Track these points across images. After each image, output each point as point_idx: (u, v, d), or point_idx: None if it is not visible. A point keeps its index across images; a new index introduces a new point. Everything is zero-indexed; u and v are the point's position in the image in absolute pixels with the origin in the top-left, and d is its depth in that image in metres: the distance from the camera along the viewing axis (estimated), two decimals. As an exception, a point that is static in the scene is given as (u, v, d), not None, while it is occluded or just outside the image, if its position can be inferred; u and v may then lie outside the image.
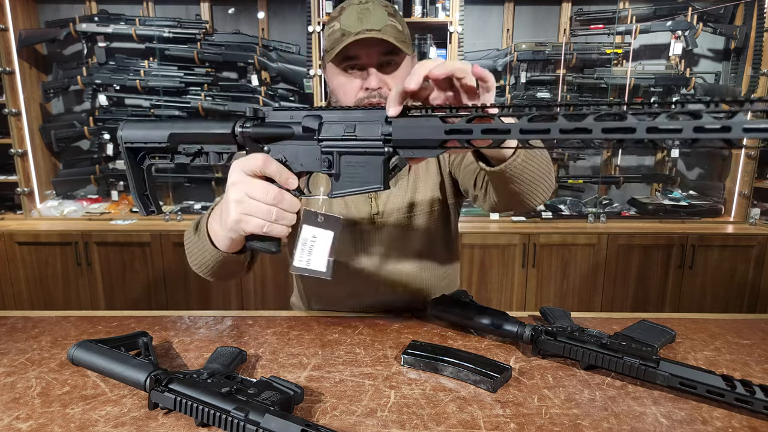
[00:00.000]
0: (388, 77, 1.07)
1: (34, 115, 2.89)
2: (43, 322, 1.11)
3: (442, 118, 0.61)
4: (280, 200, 0.71)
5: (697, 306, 2.73)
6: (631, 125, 0.54)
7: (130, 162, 0.80)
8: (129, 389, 0.83)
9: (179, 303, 2.73)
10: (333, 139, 0.67)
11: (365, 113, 0.67)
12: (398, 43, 1.02)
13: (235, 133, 0.72)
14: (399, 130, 0.64)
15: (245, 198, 0.71)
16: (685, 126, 0.52)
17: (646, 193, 3.15)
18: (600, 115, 0.55)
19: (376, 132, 0.65)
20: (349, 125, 0.67)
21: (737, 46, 2.84)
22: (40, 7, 2.93)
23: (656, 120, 0.53)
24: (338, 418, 0.76)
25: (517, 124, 0.57)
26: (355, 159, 0.68)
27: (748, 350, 0.99)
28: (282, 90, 2.96)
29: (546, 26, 2.98)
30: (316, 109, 0.70)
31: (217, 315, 1.14)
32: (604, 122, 0.54)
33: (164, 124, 0.77)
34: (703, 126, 0.52)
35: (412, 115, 0.64)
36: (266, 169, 0.71)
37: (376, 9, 1.04)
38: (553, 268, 2.72)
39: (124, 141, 0.79)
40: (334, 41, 1.04)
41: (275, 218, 0.72)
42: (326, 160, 0.69)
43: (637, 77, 2.85)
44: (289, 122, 0.70)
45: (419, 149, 0.63)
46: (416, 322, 1.12)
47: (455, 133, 0.60)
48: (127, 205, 3.01)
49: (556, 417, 0.76)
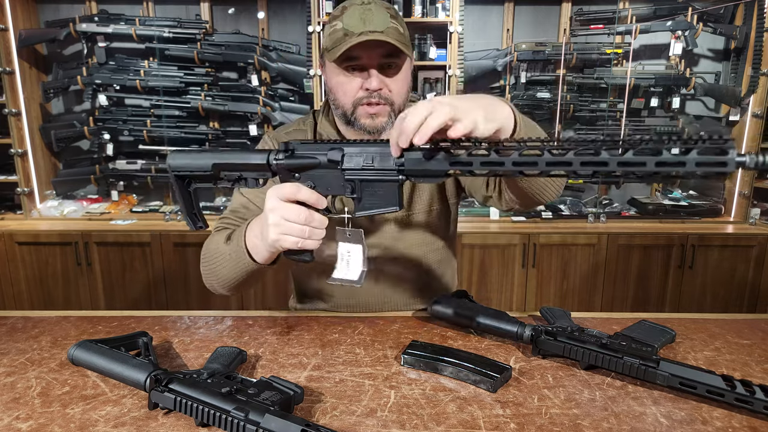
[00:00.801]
0: (389, 80, 1.08)
1: (34, 115, 2.89)
2: (43, 322, 1.11)
3: (447, 151, 0.72)
4: (311, 220, 0.83)
5: (697, 306, 2.73)
6: (604, 159, 0.64)
7: (178, 186, 0.90)
8: (129, 389, 0.83)
9: (179, 303, 2.73)
10: (354, 169, 0.79)
11: (381, 147, 0.78)
12: (400, 46, 1.02)
13: (269, 163, 0.83)
14: (410, 162, 0.75)
15: (281, 221, 0.83)
16: (648, 161, 0.62)
17: (646, 193, 3.15)
18: (578, 151, 0.65)
19: (391, 163, 0.77)
20: (367, 157, 0.78)
21: (737, 46, 2.84)
22: (40, 7, 2.93)
23: (625, 156, 0.63)
24: (338, 418, 0.76)
25: (510, 158, 0.68)
26: (374, 185, 0.79)
27: (748, 350, 0.99)
28: (282, 90, 2.96)
29: (546, 26, 2.98)
30: (338, 143, 0.82)
31: (217, 315, 1.14)
32: (583, 156, 0.65)
33: (207, 154, 0.88)
34: (664, 161, 0.62)
35: (421, 148, 0.74)
36: (298, 195, 0.82)
37: (378, 10, 1.04)
38: (553, 268, 2.72)
39: (172, 169, 0.89)
40: (336, 41, 1.04)
41: (308, 236, 0.84)
42: (349, 185, 0.81)
43: (637, 77, 2.85)
44: (315, 154, 0.81)
45: (428, 177, 0.75)
46: (416, 322, 1.12)
47: (458, 165, 0.71)
48: (127, 205, 3.01)
49: (556, 417, 0.76)
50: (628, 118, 2.91)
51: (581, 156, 0.65)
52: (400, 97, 1.10)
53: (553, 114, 2.92)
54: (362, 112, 1.08)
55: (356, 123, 1.10)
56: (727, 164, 0.60)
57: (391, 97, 1.09)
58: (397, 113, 1.11)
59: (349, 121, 1.11)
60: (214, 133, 2.93)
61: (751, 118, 2.84)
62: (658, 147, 0.61)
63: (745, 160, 0.59)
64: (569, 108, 2.90)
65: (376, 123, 1.09)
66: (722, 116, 3.02)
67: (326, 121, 1.20)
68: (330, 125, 1.19)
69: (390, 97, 1.08)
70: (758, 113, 2.79)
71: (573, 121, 2.97)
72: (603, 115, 2.92)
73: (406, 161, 0.75)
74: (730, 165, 0.60)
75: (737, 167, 0.60)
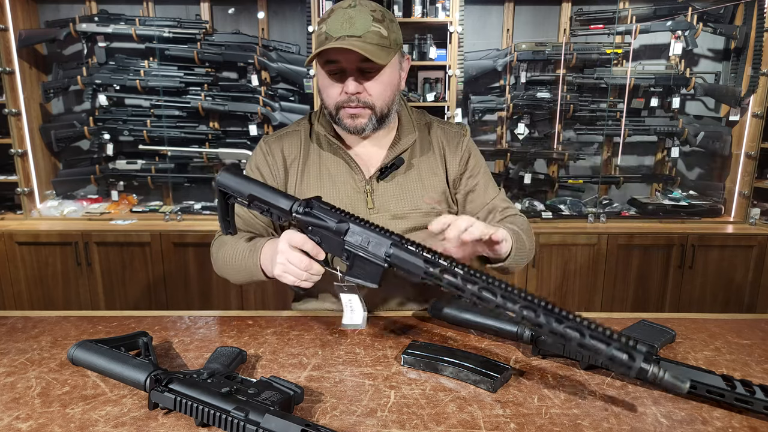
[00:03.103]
0: (368, 83, 1.10)
1: (34, 115, 2.89)
2: (43, 322, 1.11)
3: (425, 261, 0.84)
4: (309, 268, 0.97)
5: (697, 306, 2.73)
6: (540, 322, 0.74)
7: (219, 198, 1.04)
8: (129, 389, 0.83)
9: (179, 303, 2.73)
10: (353, 244, 0.92)
11: (379, 237, 0.90)
12: (373, 52, 1.03)
13: (291, 212, 0.96)
14: (395, 258, 0.88)
15: (286, 263, 0.98)
16: (574, 338, 0.72)
17: (646, 193, 3.15)
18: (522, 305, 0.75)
19: (382, 252, 0.89)
20: (365, 239, 0.91)
21: (737, 46, 2.84)
22: (40, 7, 2.93)
23: (555, 326, 0.73)
24: (338, 418, 0.76)
25: (470, 289, 0.79)
26: (365, 262, 0.92)
27: (748, 350, 0.99)
28: (282, 90, 2.96)
29: (546, 26, 2.98)
30: (348, 217, 0.94)
31: (217, 315, 1.15)
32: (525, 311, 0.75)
33: (249, 185, 1.00)
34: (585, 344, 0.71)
35: (407, 249, 0.87)
36: (304, 246, 0.96)
37: (361, 14, 1.05)
38: (553, 268, 2.72)
39: (218, 185, 1.02)
40: (319, 43, 1.07)
41: (305, 278, 0.99)
42: (346, 253, 0.93)
43: (637, 77, 2.85)
44: (327, 218, 0.94)
45: (407, 272, 0.87)
46: (416, 322, 1.12)
47: (429, 277, 0.84)
48: (127, 205, 3.01)
49: (556, 417, 0.76)
50: (628, 118, 2.91)
51: (524, 311, 0.75)
52: (381, 100, 1.12)
53: (553, 114, 2.92)
54: (344, 113, 1.13)
55: (340, 123, 1.15)
56: (632, 369, 0.69)
57: (371, 101, 1.11)
58: (378, 116, 1.14)
59: (335, 122, 1.16)
60: (214, 133, 2.93)
61: (751, 118, 2.84)
62: (580, 329, 0.72)
63: (647, 369, 0.69)
64: (569, 108, 2.90)
65: (356, 123, 1.13)
66: (722, 116, 3.02)
67: (323, 122, 1.22)
68: (326, 125, 1.21)
69: (369, 100, 1.11)
70: (758, 113, 2.79)
71: (573, 121, 2.97)
72: (603, 115, 2.92)
73: (393, 256, 0.88)
74: (633, 370, 0.69)
75: (638, 373, 0.69)
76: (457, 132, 1.28)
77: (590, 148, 3.03)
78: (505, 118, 3.04)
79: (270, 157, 1.22)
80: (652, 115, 3.03)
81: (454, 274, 0.81)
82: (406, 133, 1.22)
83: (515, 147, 3.04)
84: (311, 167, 1.21)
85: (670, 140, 2.99)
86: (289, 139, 1.24)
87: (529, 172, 3.01)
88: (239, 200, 1.01)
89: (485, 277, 0.79)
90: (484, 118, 3.04)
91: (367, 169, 1.21)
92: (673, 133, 2.93)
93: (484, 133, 3.12)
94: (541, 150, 3.01)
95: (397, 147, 1.20)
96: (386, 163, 1.19)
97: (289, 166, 1.22)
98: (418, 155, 1.24)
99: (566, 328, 0.72)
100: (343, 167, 1.20)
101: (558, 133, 2.96)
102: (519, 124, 2.98)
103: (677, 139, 2.96)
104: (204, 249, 2.61)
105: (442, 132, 1.27)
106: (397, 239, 0.88)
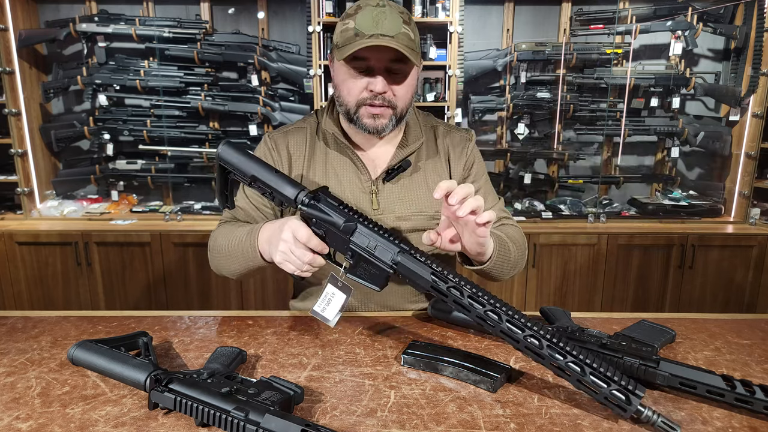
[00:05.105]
0: (395, 86, 1.08)
1: (34, 115, 2.89)
2: (43, 322, 1.11)
3: (433, 273, 0.84)
4: (312, 262, 0.95)
5: (697, 306, 2.73)
6: (542, 353, 0.77)
7: (218, 172, 1.01)
8: (129, 389, 0.83)
9: (179, 303, 2.73)
10: (359, 245, 0.90)
11: (386, 243, 0.88)
12: (409, 53, 1.03)
13: (296, 201, 0.93)
14: (402, 266, 0.87)
15: (288, 253, 0.96)
16: (573, 374, 0.75)
17: (646, 193, 3.15)
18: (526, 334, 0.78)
19: (388, 258, 0.88)
20: (372, 242, 0.89)
21: (737, 46, 2.84)
22: (40, 7, 2.93)
23: (558, 360, 0.76)
24: (338, 418, 0.76)
25: (477, 311, 0.80)
26: (371, 264, 0.90)
27: (748, 350, 0.99)
28: (282, 90, 2.96)
29: (546, 26, 2.98)
30: (356, 216, 0.91)
31: (217, 315, 1.14)
32: (527, 341, 0.78)
33: (251, 164, 0.96)
34: (583, 381, 0.75)
35: (416, 259, 0.86)
36: (309, 243, 0.94)
37: (392, 14, 1.04)
38: (553, 268, 2.72)
39: (219, 158, 0.98)
40: (347, 39, 1.04)
41: (304, 270, 0.97)
42: (350, 251, 0.91)
43: (637, 77, 2.85)
44: (334, 214, 0.92)
45: (411, 282, 0.87)
46: (416, 322, 1.12)
47: (434, 290, 0.84)
48: (127, 205, 3.01)
49: (556, 417, 0.76)
50: (628, 118, 2.91)
51: (528, 339, 0.77)
52: (404, 102, 1.11)
53: (553, 114, 2.92)
54: (365, 112, 1.10)
55: (358, 122, 1.12)
56: (626, 411, 0.72)
57: (395, 101, 1.10)
58: (398, 117, 1.12)
59: (351, 119, 1.13)
60: (214, 133, 2.93)
61: (751, 118, 2.84)
62: (582, 366, 0.74)
63: (642, 411, 0.71)
64: (569, 108, 2.90)
65: (377, 124, 1.11)
66: (722, 116, 3.02)
67: (330, 119, 1.20)
68: (334, 123, 1.20)
69: (394, 101, 1.10)
70: (758, 113, 2.79)
71: (573, 121, 2.97)
72: (603, 115, 2.92)
73: (399, 263, 0.87)
74: (628, 412, 0.72)
75: (632, 414, 0.72)
76: (463, 137, 1.28)
77: (590, 148, 3.04)
78: (505, 118, 3.04)
79: (275, 153, 1.21)
80: (652, 115, 3.03)
81: (461, 292, 0.81)
82: (414, 136, 1.22)
83: (515, 147, 3.04)
84: (317, 165, 1.20)
85: (670, 140, 2.99)
86: (295, 135, 1.23)
87: (529, 172, 3.01)
88: (239, 177, 0.98)
89: (493, 300, 0.80)
90: (484, 118, 3.04)
91: (374, 169, 1.20)
92: (673, 133, 2.93)
93: (484, 133, 3.13)
94: (541, 150, 3.01)
95: (405, 149, 1.20)
96: (393, 164, 1.19)
97: (293, 163, 1.21)
98: (424, 158, 1.23)
99: (568, 363, 0.75)
100: (350, 167, 1.19)
101: (558, 133, 2.97)
102: (519, 124, 2.99)
103: (677, 139, 2.96)
104: (204, 249, 2.61)
105: (449, 136, 1.27)
106: (406, 248, 0.87)
